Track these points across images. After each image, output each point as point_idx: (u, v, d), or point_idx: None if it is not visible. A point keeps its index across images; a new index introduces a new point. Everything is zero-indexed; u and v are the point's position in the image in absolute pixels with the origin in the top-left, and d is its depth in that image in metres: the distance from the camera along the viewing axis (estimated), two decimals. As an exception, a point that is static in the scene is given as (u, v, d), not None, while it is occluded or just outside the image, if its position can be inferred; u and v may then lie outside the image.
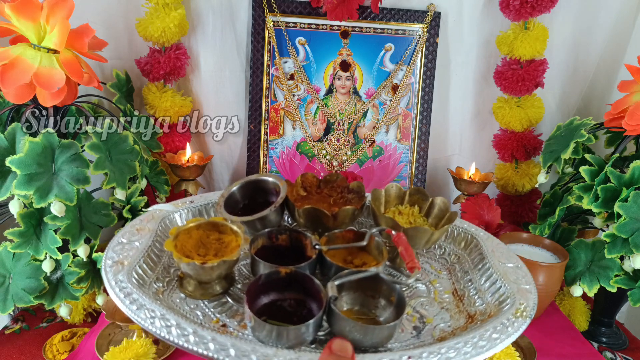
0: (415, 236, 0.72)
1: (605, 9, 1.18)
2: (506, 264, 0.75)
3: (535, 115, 1.21)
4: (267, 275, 0.62)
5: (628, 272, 0.90)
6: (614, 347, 1.00)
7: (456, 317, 0.69)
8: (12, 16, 0.76)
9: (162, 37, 1.08)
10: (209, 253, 0.67)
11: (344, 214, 0.75)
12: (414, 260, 0.63)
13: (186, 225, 0.69)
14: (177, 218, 0.81)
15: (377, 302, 0.65)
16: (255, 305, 0.61)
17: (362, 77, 1.21)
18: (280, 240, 0.73)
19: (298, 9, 1.16)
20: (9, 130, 0.78)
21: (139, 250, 0.68)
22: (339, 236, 0.74)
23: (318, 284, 0.61)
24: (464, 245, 0.83)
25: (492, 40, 1.21)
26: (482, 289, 0.73)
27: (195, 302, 0.66)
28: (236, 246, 0.67)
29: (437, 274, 0.80)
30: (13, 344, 0.90)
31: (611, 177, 0.87)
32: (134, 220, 0.76)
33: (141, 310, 0.56)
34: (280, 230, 0.73)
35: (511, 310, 0.63)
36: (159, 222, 0.76)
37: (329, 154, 1.24)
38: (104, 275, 0.61)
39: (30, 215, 0.80)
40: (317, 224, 0.76)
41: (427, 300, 0.73)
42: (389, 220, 0.73)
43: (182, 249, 0.66)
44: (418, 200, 0.82)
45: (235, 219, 0.72)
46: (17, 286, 0.81)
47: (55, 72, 0.77)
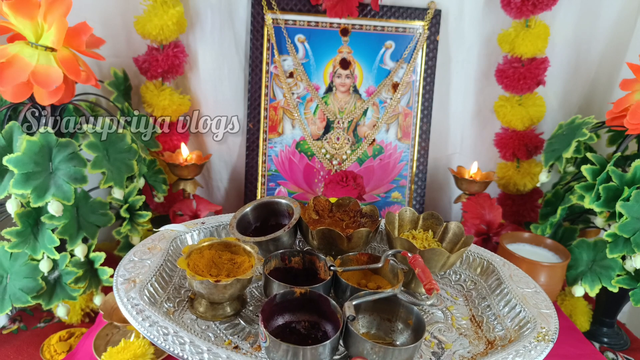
0: (432, 259, 0.71)
1: (607, 7, 1.18)
2: (525, 289, 0.75)
3: (537, 114, 1.20)
4: (282, 294, 0.61)
5: (630, 272, 0.89)
6: (615, 348, 1.00)
7: (475, 343, 0.68)
8: (9, 14, 0.75)
9: (160, 35, 1.08)
10: (221, 273, 0.67)
11: (358, 236, 0.74)
12: (432, 281, 0.62)
13: (199, 244, 0.69)
14: (189, 239, 0.81)
15: (394, 325, 0.64)
16: (270, 327, 0.61)
17: (362, 75, 1.21)
18: (293, 262, 0.72)
19: (297, 6, 1.15)
20: (6, 129, 0.78)
21: (151, 268, 0.68)
22: (353, 259, 0.73)
23: (334, 305, 0.60)
24: (480, 271, 0.83)
25: (493, 38, 1.21)
26: (501, 314, 0.72)
27: (206, 324, 0.66)
28: (249, 267, 0.67)
29: (454, 300, 0.79)
30: (10, 344, 0.89)
31: (613, 176, 0.86)
32: (146, 239, 0.76)
33: (154, 327, 0.56)
34: (294, 252, 0.72)
35: (533, 334, 0.63)
36: (170, 242, 0.76)
37: (328, 152, 1.23)
38: (116, 292, 0.62)
39: (27, 214, 0.79)
40: (330, 245, 0.75)
41: (445, 326, 0.72)
42: (405, 242, 0.72)
43: (194, 268, 0.65)
44: (432, 224, 0.81)
45: (248, 239, 0.71)
46: (14, 286, 0.81)
47: (52, 70, 0.76)
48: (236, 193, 1.31)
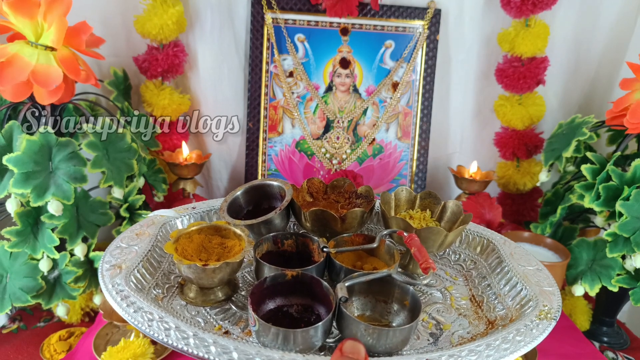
0: (429, 238, 0.69)
1: (607, 6, 1.18)
2: (526, 267, 0.72)
3: (537, 113, 1.20)
4: (272, 277, 0.59)
5: (630, 271, 0.89)
6: (615, 347, 1.00)
7: (475, 324, 0.67)
8: (9, 13, 0.75)
9: (160, 34, 1.08)
10: (210, 258, 0.65)
11: (352, 217, 0.72)
12: (428, 260, 0.60)
13: (188, 228, 0.67)
14: (179, 224, 0.79)
15: (389, 307, 0.62)
16: (260, 311, 0.59)
17: (362, 75, 1.21)
18: (286, 246, 0.70)
19: (297, 6, 1.15)
20: (6, 129, 0.78)
21: (138, 254, 0.66)
22: (347, 240, 0.71)
23: (327, 287, 0.58)
24: (480, 250, 0.81)
25: (493, 37, 1.21)
26: (502, 293, 0.71)
27: (196, 309, 0.64)
28: (239, 250, 0.65)
29: (453, 281, 0.77)
30: (10, 344, 0.89)
31: (613, 175, 0.86)
32: (134, 225, 0.74)
33: (138, 312, 0.55)
34: (286, 235, 0.70)
35: (534, 312, 0.61)
36: (159, 228, 0.74)
37: (328, 152, 1.23)
38: (101, 278, 0.60)
39: (27, 214, 0.79)
40: (324, 227, 0.73)
41: (444, 306, 0.70)
42: (401, 221, 0.70)
43: (183, 252, 0.64)
44: (429, 204, 0.79)
45: (239, 223, 0.69)
46: (14, 285, 0.81)
47: (52, 69, 0.76)
48: (236, 192, 1.31)
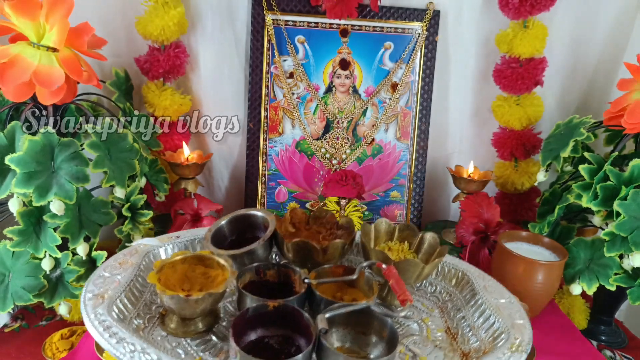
0: (406, 270, 0.71)
1: (605, 8, 1.18)
2: (499, 299, 0.74)
3: (535, 114, 1.21)
4: (254, 308, 0.60)
5: (627, 270, 0.90)
6: (613, 346, 1.00)
7: (450, 356, 0.68)
8: (11, 14, 0.75)
9: (162, 36, 1.08)
10: (193, 288, 0.65)
11: (333, 248, 0.73)
12: (406, 292, 0.62)
13: (171, 258, 0.67)
14: (162, 253, 0.79)
15: (368, 339, 0.64)
16: (242, 342, 0.59)
17: (362, 76, 1.21)
18: (268, 276, 0.71)
19: (297, 7, 1.16)
20: (9, 129, 0.78)
21: (121, 284, 0.66)
22: (328, 271, 0.72)
23: (307, 318, 0.59)
24: (455, 282, 0.82)
25: (491, 38, 1.21)
26: (476, 325, 0.72)
27: (177, 340, 0.64)
28: (222, 280, 0.65)
29: (429, 312, 0.79)
30: (12, 343, 0.89)
31: (610, 175, 0.87)
32: (117, 254, 0.74)
33: (120, 343, 0.55)
34: (268, 265, 0.71)
35: (506, 345, 0.63)
36: (142, 257, 0.74)
37: (328, 152, 1.24)
38: (83, 308, 0.60)
39: (29, 213, 0.80)
40: (306, 258, 0.74)
41: (420, 338, 0.72)
42: (380, 253, 0.72)
43: (166, 282, 0.64)
44: (408, 236, 0.81)
45: (223, 253, 0.70)
46: (16, 284, 0.81)
47: (54, 70, 0.77)
48: (237, 192, 1.32)
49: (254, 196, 1.24)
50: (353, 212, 1.06)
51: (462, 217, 1.16)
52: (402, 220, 1.28)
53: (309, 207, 1.26)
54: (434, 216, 1.37)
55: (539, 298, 0.94)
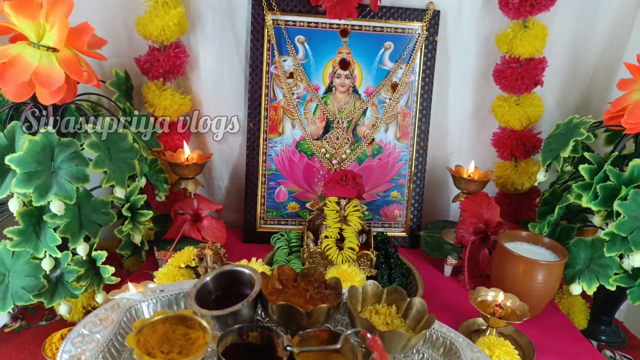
0: (392, 340, 0.69)
1: (605, 8, 1.18)
2: None
3: (535, 114, 1.21)
4: None
5: (627, 270, 0.90)
6: (613, 346, 1.00)
7: None
8: (11, 14, 0.75)
9: (162, 36, 1.08)
10: (172, 350, 0.63)
11: (318, 312, 0.71)
12: None
13: (152, 318, 0.65)
14: (145, 308, 0.76)
15: None
16: None
17: (362, 76, 1.21)
18: (251, 338, 0.69)
19: (297, 7, 1.16)
20: (9, 129, 0.78)
21: (100, 344, 0.64)
22: (313, 336, 0.70)
23: None
24: (443, 351, 0.79)
25: (491, 38, 1.21)
26: None
27: None
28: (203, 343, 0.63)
29: None
30: (12, 343, 0.89)
31: (610, 175, 0.87)
32: (99, 309, 0.72)
33: None
34: (252, 327, 0.69)
35: None
36: (124, 313, 0.72)
37: (328, 152, 1.24)
38: None
39: (29, 213, 0.80)
40: (290, 321, 0.72)
41: None
42: (365, 322, 0.70)
43: (145, 344, 0.62)
44: (396, 299, 0.79)
45: (206, 313, 0.68)
46: (16, 284, 0.81)
47: (54, 70, 0.77)
48: (237, 192, 1.32)
49: (254, 196, 1.24)
50: (353, 212, 1.06)
51: (462, 217, 1.16)
52: (402, 220, 1.28)
53: (309, 207, 1.26)
54: (433, 216, 1.37)
55: (539, 298, 0.94)
